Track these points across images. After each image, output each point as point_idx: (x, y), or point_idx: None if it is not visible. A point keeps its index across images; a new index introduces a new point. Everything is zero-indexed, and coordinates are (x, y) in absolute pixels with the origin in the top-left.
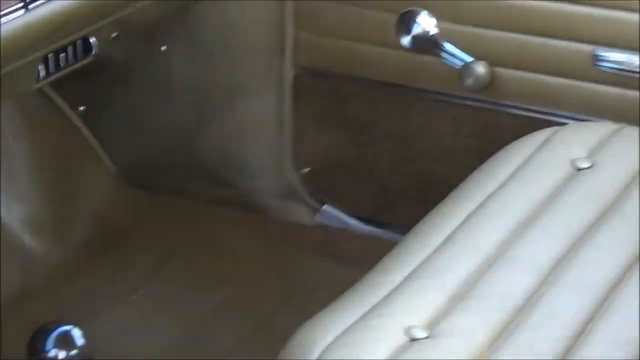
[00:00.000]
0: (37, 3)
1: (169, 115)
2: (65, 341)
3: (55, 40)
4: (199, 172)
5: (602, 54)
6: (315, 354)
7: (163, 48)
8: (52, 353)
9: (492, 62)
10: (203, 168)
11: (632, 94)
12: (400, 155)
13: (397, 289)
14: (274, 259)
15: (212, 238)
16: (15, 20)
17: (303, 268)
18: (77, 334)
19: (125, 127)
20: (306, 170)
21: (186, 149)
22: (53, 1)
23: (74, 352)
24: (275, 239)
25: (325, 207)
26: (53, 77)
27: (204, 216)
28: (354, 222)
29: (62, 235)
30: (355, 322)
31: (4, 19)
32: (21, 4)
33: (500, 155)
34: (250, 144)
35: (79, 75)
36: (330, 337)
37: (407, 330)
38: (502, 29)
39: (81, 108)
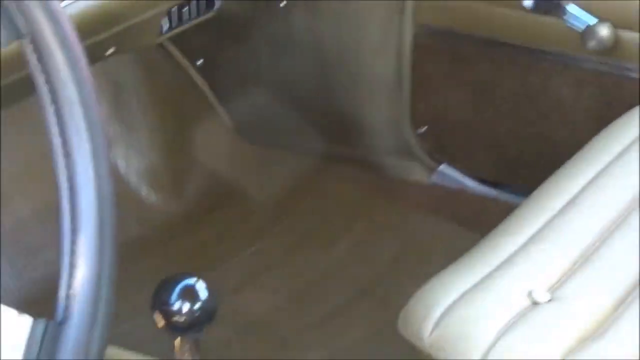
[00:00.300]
0: None
1: (287, 71)
2: (190, 294)
3: None
4: (316, 129)
5: None
6: (437, 313)
7: (283, 4)
8: (177, 305)
9: (616, 24)
10: (320, 125)
11: None
12: (520, 116)
13: (519, 251)
14: (388, 217)
15: (327, 195)
16: None
17: (418, 227)
18: (201, 287)
19: (243, 81)
20: (424, 129)
21: (303, 106)
22: None
23: (197, 305)
24: (390, 197)
25: (442, 166)
26: (175, 31)
27: (319, 173)
28: (471, 183)
29: (179, 189)
30: (477, 284)
31: None
32: None
33: (623, 119)
34: (369, 101)
35: (199, 30)
36: (452, 298)
37: (530, 294)
38: None
39: (199, 62)
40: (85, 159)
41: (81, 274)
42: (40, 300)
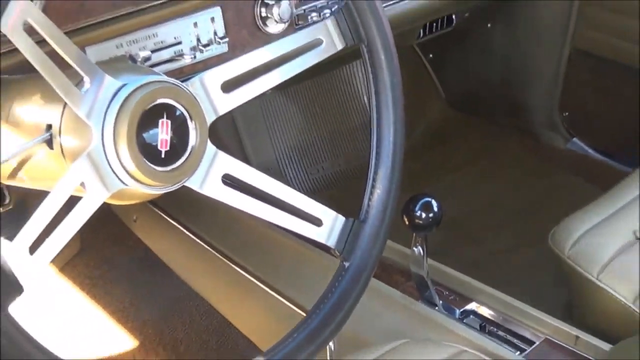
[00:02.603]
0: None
1: (487, 68)
2: (427, 207)
3: (433, 15)
4: (498, 105)
5: None
6: (575, 237)
7: (489, 25)
8: (418, 213)
9: None
10: (504, 103)
11: None
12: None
13: (630, 202)
14: (537, 169)
15: (500, 149)
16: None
17: (556, 177)
18: (434, 204)
19: (457, 71)
20: (566, 113)
21: (493, 89)
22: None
23: (431, 214)
24: (539, 156)
25: (575, 139)
26: (427, 38)
27: (497, 135)
28: (593, 152)
29: (408, 132)
30: (603, 220)
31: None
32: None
33: None
34: (534, 91)
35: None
36: (586, 227)
37: (635, 232)
38: None
39: (430, 55)
40: (388, 122)
41: (378, 192)
42: (317, 191)
